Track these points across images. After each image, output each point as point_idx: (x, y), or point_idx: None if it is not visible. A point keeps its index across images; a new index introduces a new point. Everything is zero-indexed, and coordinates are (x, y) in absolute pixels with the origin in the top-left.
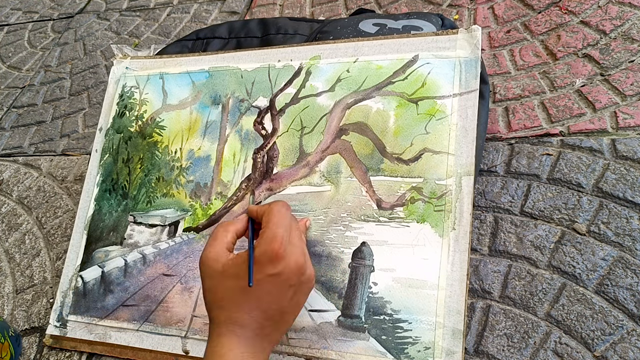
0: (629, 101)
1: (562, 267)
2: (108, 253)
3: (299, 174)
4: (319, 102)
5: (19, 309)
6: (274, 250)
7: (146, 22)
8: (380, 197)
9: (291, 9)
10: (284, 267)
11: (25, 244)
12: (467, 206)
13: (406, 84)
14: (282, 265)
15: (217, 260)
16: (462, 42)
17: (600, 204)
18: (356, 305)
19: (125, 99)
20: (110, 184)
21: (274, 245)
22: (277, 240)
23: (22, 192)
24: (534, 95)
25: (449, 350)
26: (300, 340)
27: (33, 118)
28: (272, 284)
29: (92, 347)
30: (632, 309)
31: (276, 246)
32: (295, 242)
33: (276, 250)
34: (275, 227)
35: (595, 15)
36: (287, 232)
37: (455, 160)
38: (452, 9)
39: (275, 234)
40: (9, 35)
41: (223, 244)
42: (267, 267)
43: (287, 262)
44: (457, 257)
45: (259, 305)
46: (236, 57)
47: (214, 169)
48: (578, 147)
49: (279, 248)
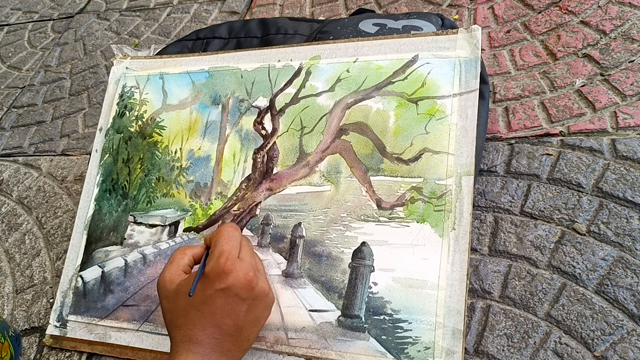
0: (629, 101)
1: (562, 267)
2: (108, 253)
3: (299, 174)
4: (319, 102)
5: (19, 309)
6: (220, 264)
7: (146, 22)
8: (380, 197)
9: (291, 9)
10: (232, 281)
11: (25, 244)
12: (467, 206)
13: (406, 83)
14: (231, 279)
15: (172, 282)
16: (462, 42)
17: (600, 204)
18: (356, 305)
19: (125, 99)
20: (110, 184)
21: (220, 260)
22: (224, 255)
23: (22, 192)
24: (534, 95)
25: (449, 350)
26: (300, 340)
27: (33, 118)
28: (222, 298)
29: (92, 347)
30: (632, 309)
31: (222, 261)
32: (244, 258)
33: (222, 265)
34: (222, 244)
35: (595, 15)
36: (235, 248)
37: (455, 160)
38: (452, 9)
39: (222, 250)
40: (9, 35)
41: (179, 267)
42: (215, 282)
43: (236, 276)
44: (457, 257)
45: (212, 321)
46: (236, 57)
47: (214, 169)
48: (578, 147)
49: (225, 262)
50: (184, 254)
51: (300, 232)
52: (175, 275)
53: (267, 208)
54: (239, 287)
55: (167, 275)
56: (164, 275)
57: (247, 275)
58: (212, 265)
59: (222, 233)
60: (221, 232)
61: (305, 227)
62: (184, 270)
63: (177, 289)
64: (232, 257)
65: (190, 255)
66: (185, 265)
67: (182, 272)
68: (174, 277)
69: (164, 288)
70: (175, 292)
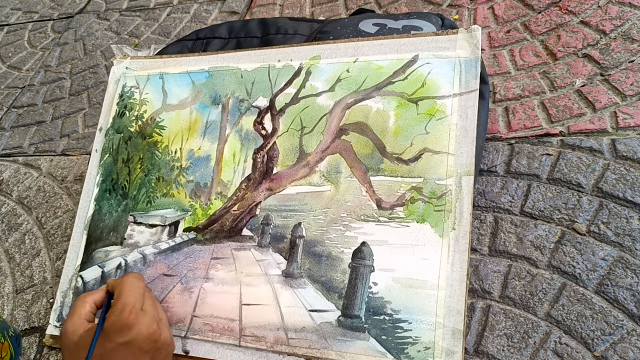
0: (629, 101)
1: (562, 267)
2: (108, 253)
3: (299, 173)
4: (319, 102)
5: (19, 309)
6: (123, 319)
7: (146, 22)
8: (380, 197)
9: (291, 9)
10: (135, 334)
11: (25, 244)
12: (467, 206)
13: (406, 84)
14: (133, 333)
15: (74, 332)
16: (462, 42)
17: (600, 204)
18: (356, 305)
19: (125, 99)
20: (110, 184)
21: (123, 314)
22: (127, 309)
23: (22, 192)
24: (534, 95)
25: (449, 350)
26: (300, 340)
27: (33, 118)
28: (124, 352)
29: None
30: (632, 309)
31: (125, 315)
32: (147, 310)
33: (125, 319)
34: (125, 297)
35: (595, 15)
36: (138, 301)
37: (455, 160)
38: (452, 9)
39: (125, 303)
40: (9, 35)
41: (81, 316)
42: (117, 337)
43: (138, 330)
44: (457, 257)
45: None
46: (236, 57)
47: (214, 169)
48: (578, 147)
49: (128, 317)
50: (85, 301)
51: (300, 232)
52: (77, 326)
53: (267, 208)
54: (142, 340)
55: (69, 325)
56: (65, 326)
57: (150, 328)
58: (115, 318)
59: (125, 284)
60: (124, 282)
61: (305, 227)
62: (86, 319)
63: (78, 341)
64: (135, 310)
65: (92, 302)
66: (87, 314)
67: (84, 321)
68: (77, 328)
69: (66, 338)
70: (76, 345)
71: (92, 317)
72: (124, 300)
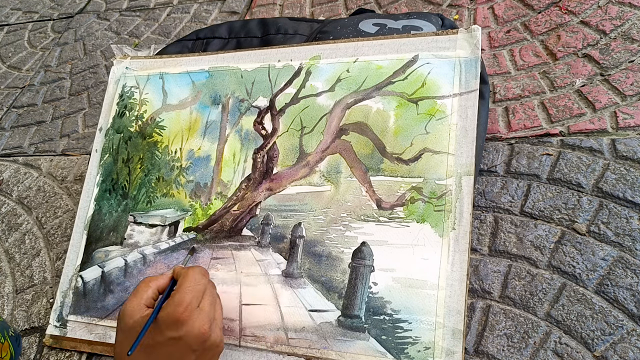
0: (629, 101)
1: (562, 267)
2: (108, 253)
3: (299, 173)
4: (319, 102)
5: (19, 309)
6: (177, 314)
7: (146, 22)
8: (380, 197)
9: (291, 9)
10: (185, 331)
11: (25, 244)
12: (467, 206)
13: (406, 84)
14: (184, 330)
15: (131, 316)
16: (462, 42)
17: (600, 204)
18: (356, 305)
19: (125, 99)
20: (110, 184)
21: (178, 309)
22: (183, 305)
23: (22, 192)
24: (534, 95)
25: (449, 350)
26: (300, 340)
27: (33, 118)
28: (172, 347)
29: (92, 347)
30: (632, 309)
31: (180, 310)
32: (203, 307)
33: (179, 315)
34: (184, 292)
35: (595, 15)
36: (196, 298)
37: (455, 160)
38: (452, 9)
39: (182, 298)
40: (9, 35)
41: (142, 300)
42: (168, 330)
43: (190, 327)
44: (457, 257)
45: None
46: (236, 57)
47: (214, 169)
48: (578, 147)
49: (182, 312)
50: (148, 286)
51: (300, 232)
52: (135, 310)
53: (267, 208)
54: (191, 338)
55: (128, 307)
56: (125, 307)
57: (201, 327)
58: (169, 311)
59: (189, 277)
60: (188, 275)
61: (305, 227)
62: (146, 304)
63: (132, 325)
64: (190, 307)
65: (155, 288)
66: (148, 299)
67: (144, 306)
68: (135, 311)
69: (122, 321)
70: (130, 329)
71: (153, 302)
72: (182, 294)
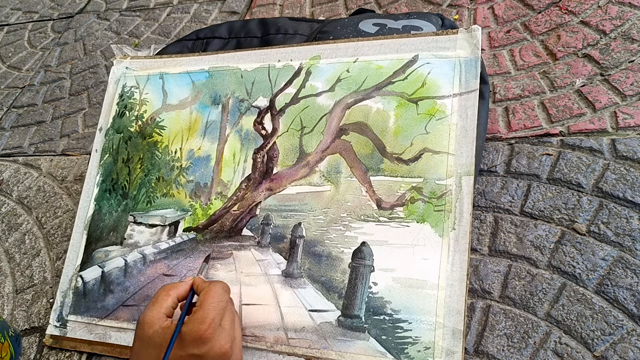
0: (629, 101)
1: (562, 267)
2: (108, 253)
3: (299, 173)
4: (319, 102)
5: (19, 309)
6: (200, 331)
7: (146, 22)
8: (380, 197)
9: (291, 9)
10: (207, 350)
11: (25, 244)
12: (467, 206)
13: (406, 83)
14: (206, 348)
15: (151, 326)
16: (462, 42)
17: (600, 204)
18: (356, 305)
19: (125, 99)
20: (110, 184)
21: (202, 326)
22: (207, 322)
23: (22, 192)
24: (534, 95)
25: (449, 350)
26: (300, 340)
27: (33, 118)
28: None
29: (92, 347)
30: (632, 309)
31: (204, 328)
32: (225, 326)
33: (202, 332)
34: (208, 309)
35: (595, 15)
36: (219, 315)
37: (455, 160)
38: (452, 9)
39: (206, 316)
40: (9, 35)
41: (162, 309)
42: (190, 347)
43: (212, 346)
44: (457, 257)
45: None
46: (236, 57)
47: (214, 169)
48: (578, 147)
49: (206, 330)
50: (168, 294)
51: (300, 232)
52: (155, 319)
53: (267, 208)
54: (212, 357)
55: (148, 316)
56: (145, 315)
57: (222, 347)
58: (193, 328)
59: (212, 293)
60: (211, 291)
61: (305, 227)
62: (166, 314)
63: (152, 335)
64: (213, 326)
65: (175, 297)
66: (168, 308)
67: (164, 315)
68: (154, 321)
69: (141, 329)
70: (149, 339)
71: (172, 312)
72: (206, 311)
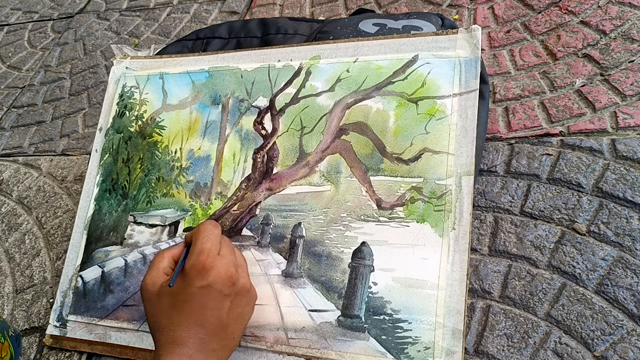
0: (629, 101)
1: (562, 267)
2: (108, 253)
3: (299, 173)
4: (319, 102)
5: (19, 309)
6: (201, 262)
7: (146, 22)
8: (380, 197)
9: (291, 9)
10: (213, 277)
11: (25, 244)
12: (467, 206)
13: (406, 83)
14: (212, 276)
15: (154, 284)
16: (462, 42)
17: (600, 204)
18: (356, 305)
19: (125, 99)
20: (110, 184)
21: (201, 257)
22: (204, 252)
23: (22, 192)
24: (534, 95)
25: (449, 350)
26: (300, 340)
27: (33, 118)
28: (204, 296)
29: (92, 347)
30: (632, 309)
31: (203, 258)
32: (224, 254)
33: (203, 262)
34: (202, 242)
35: (595, 15)
36: (215, 246)
37: (455, 160)
38: (452, 9)
39: (202, 247)
40: (9, 35)
41: (159, 270)
42: (196, 280)
43: (217, 272)
44: (457, 257)
45: (195, 320)
46: (236, 57)
47: (214, 169)
48: (578, 147)
49: (205, 260)
50: (163, 257)
51: (300, 232)
52: (156, 278)
53: (267, 208)
54: (221, 283)
55: (148, 279)
56: (145, 280)
57: (228, 271)
58: (192, 262)
59: (202, 231)
60: (200, 229)
61: (305, 227)
62: (165, 273)
63: (159, 291)
64: (212, 254)
65: (170, 257)
66: (166, 268)
67: (163, 274)
68: (156, 280)
69: (146, 291)
70: (157, 294)
71: (170, 271)
72: (201, 245)
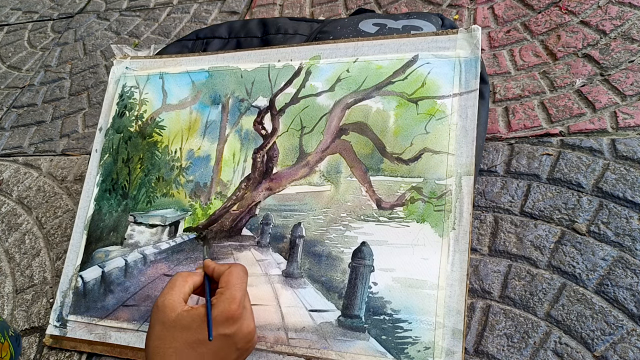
0: (629, 101)
1: (562, 267)
2: (108, 253)
3: (299, 173)
4: (319, 102)
5: (19, 309)
6: (231, 311)
7: (146, 22)
8: (380, 197)
9: (291, 9)
10: (237, 329)
11: (25, 244)
12: (467, 206)
13: (406, 83)
14: (236, 327)
15: (173, 309)
16: (462, 42)
17: (600, 204)
18: (356, 305)
19: (125, 99)
20: (110, 184)
21: (232, 306)
22: (236, 302)
23: (22, 192)
24: (534, 95)
25: (449, 350)
26: (300, 340)
27: (33, 118)
28: (221, 343)
29: (92, 347)
30: (632, 309)
31: (234, 307)
32: (247, 307)
33: (233, 312)
34: (235, 289)
35: (595, 15)
36: (244, 296)
37: (455, 160)
38: (452, 9)
39: (234, 296)
40: (9, 35)
41: (180, 294)
42: (222, 327)
43: (241, 325)
44: (457, 257)
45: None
46: (236, 57)
47: (214, 169)
48: (578, 147)
49: (236, 310)
50: (186, 281)
51: (300, 232)
52: (176, 303)
53: (266, 208)
54: (240, 337)
55: (168, 300)
56: (164, 300)
57: (249, 326)
58: (223, 308)
59: (234, 275)
60: (233, 273)
61: (305, 227)
62: (184, 299)
63: (176, 319)
64: (242, 305)
65: (192, 284)
66: (186, 294)
67: (182, 300)
68: (176, 305)
69: (162, 313)
70: (174, 322)
71: (188, 298)
72: (233, 292)
